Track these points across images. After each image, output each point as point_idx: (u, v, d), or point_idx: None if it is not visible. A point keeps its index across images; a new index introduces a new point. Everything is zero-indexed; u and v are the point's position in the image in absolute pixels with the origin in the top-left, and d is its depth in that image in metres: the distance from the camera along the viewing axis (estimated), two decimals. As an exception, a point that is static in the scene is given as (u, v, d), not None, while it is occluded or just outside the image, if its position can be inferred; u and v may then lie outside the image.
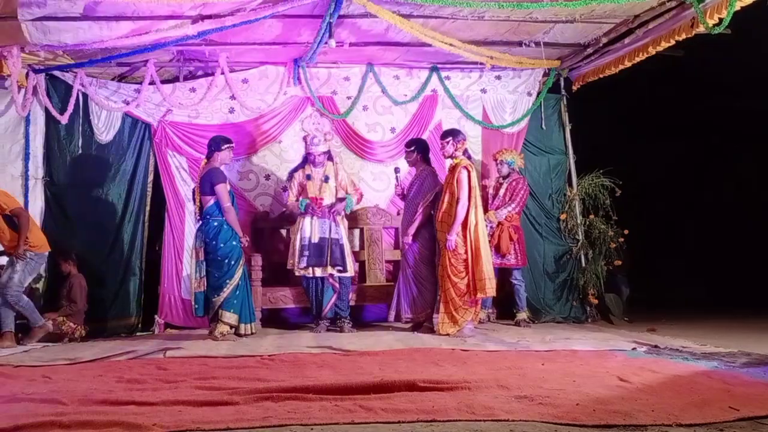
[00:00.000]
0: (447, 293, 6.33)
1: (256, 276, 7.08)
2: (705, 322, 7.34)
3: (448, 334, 6.23)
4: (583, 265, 7.90)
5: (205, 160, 6.65)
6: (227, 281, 6.33)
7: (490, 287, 6.32)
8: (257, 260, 7.15)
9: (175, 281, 7.42)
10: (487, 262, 6.37)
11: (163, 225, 7.60)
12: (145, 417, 3.06)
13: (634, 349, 5.24)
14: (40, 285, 7.13)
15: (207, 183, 6.39)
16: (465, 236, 6.34)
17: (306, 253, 6.74)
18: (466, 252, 6.33)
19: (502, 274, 7.40)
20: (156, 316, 7.35)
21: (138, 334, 7.22)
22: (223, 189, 6.37)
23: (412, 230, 6.72)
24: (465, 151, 6.62)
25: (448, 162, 6.70)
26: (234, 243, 6.41)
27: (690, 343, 5.55)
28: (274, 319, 7.43)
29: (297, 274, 6.84)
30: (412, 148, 6.97)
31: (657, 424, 2.86)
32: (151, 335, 7.06)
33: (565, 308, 7.86)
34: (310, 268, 6.75)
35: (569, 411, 3.06)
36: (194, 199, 6.60)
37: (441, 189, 6.68)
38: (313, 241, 6.75)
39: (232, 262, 6.37)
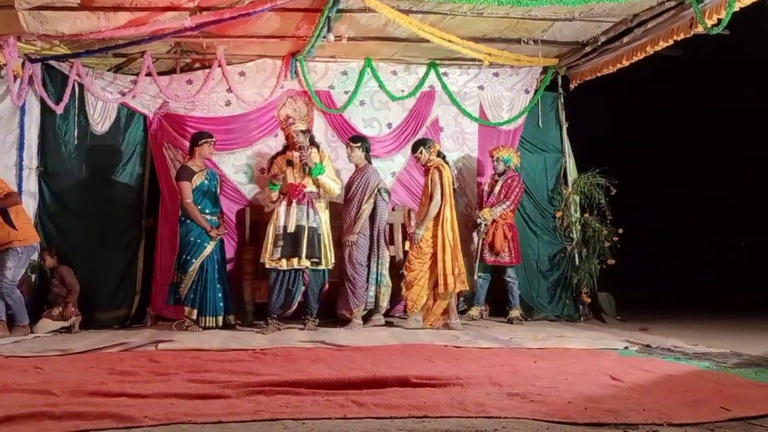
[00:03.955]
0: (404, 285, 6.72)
1: (249, 270, 7.07)
2: (697, 322, 7.36)
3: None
4: (577, 263, 7.91)
5: (188, 157, 6.85)
6: (182, 276, 6.56)
7: (466, 280, 6.72)
8: (249, 254, 7.13)
9: (167, 273, 7.35)
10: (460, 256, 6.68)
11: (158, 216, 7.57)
12: (137, 409, 3.05)
13: (626, 348, 5.25)
14: (34, 275, 7.11)
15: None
16: (435, 232, 6.60)
17: (280, 243, 6.37)
18: (433, 246, 6.61)
19: (496, 272, 7.43)
20: (148, 308, 7.34)
21: (130, 325, 7.19)
22: (182, 186, 6.62)
23: (357, 228, 6.76)
24: (438, 153, 6.89)
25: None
26: (191, 239, 6.57)
27: (682, 342, 5.57)
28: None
29: (267, 266, 6.44)
30: (359, 144, 6.98)
31: (648, 423, 2.87)
32: (143, 327, 7.04)
33: (558, 306, 7.89)
34: (283, 260, 6.37)
35: (561, 409, 3.07)
36: None
37: (384, 187, 6.98)
38: (288, 231, 6.38)
39: (188, 257, 6.55)
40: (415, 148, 6.94)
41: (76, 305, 6.83)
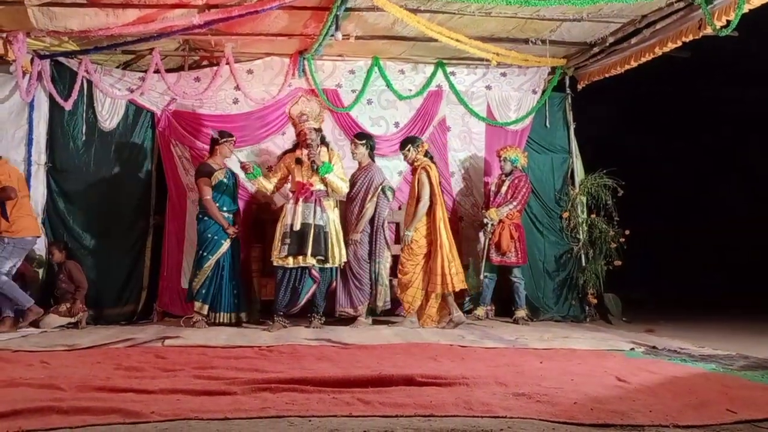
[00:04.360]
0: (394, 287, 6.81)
1: (255, 267, 7.09)
2: (703, 324, 7.35)
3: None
4: (584, 264, 7.90)
5: (208, 155, 6.93)
6: (197, 271, 6.64)
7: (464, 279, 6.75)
8: (255, 251, 7.15)
9: (174, 270, 7.41)
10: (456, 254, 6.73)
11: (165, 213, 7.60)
12: (143, 405, 3.06)
13: (632, 349, 5.24)
14: (41, 271, 7.13)
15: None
16: (428, 232, 6.69)
17: (287, 241, 6.38)
18: (427, 246, 6.68)
19: (502, 272, 7.43)
20: (155, 305, 7.36)
21: (137, 322, 7.21)
22: (200, 183, 6.71)
23: (361, 227, 6.78)
24: (426, 153, 6.93)
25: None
26: (209, 235, 6.65)
27: (688, 344, 5.54)
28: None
29: (275, 263, 6.46)
30: (363, 141, 6.99)
31: (654, 424, 2.86)
32: (150, 323, 7.07)
33: (564, 307, 7.87)
34: (290, 258, 6.37)
35: (567, 409, 3.07)
36: None
37: (388, 185, 6.99)
38: (295, 229, 6.38)
39: (205, 254, 6.63)
40: (403, 145, 6.96)
41: (83, 302, 6.85)
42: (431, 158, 6.98)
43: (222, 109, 7.73)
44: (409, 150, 6.86)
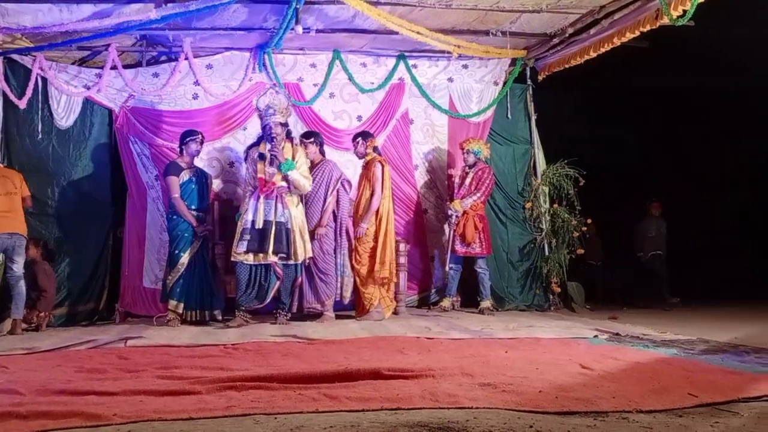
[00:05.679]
0: (356, 280, 6.85)
1: (219, 264, 7.02)
2: (664, 311, 7.48)
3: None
4: (547, 253, 7.97)
5: (178, 154, 6.93)
6: (171, 269, 6.62)
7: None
8: (218, 248, 7.08)
9: (136, 270, 7.31)
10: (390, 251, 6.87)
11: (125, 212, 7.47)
12: (105, 407, 3.01)
13: (596, 336, 5.31)
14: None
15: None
16: (378, 226, 6.77)
17: (246, 237, 6.27)
18: (375, 240, 6.78)
19: (467, 263, 7.48)
20: (116, 305, 7.24)
21: (99, 323, 7.10)
22: (169, 181, 6.65)
23: (325, 221, 6.78)
24: (375, 149, 7.05)
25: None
26: (178, 233, 6.64)
27: (650, 330, 5.65)
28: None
29: (233, 259, 6.36)
30: (312, 140, 6.94)
31: (618, 410, 2.90)
32: (112, 324, 6.95)
33: (529, 296, 7.95)
34: (250, 254, 6.28)
35: (532, 398, 3.09)
36: None
37: (345, 179, 7.03)
38: (256, 226, 6.29)
39: (176, 251, 6.62)
40: (356, 137, 7.08)
41: (47, 308, 6.64)
42: (379, 154, 7.07)
43: (182, 105, 7.62)
44: (359, 143, 6.98)
